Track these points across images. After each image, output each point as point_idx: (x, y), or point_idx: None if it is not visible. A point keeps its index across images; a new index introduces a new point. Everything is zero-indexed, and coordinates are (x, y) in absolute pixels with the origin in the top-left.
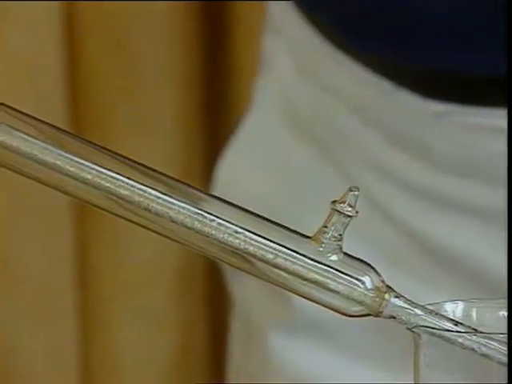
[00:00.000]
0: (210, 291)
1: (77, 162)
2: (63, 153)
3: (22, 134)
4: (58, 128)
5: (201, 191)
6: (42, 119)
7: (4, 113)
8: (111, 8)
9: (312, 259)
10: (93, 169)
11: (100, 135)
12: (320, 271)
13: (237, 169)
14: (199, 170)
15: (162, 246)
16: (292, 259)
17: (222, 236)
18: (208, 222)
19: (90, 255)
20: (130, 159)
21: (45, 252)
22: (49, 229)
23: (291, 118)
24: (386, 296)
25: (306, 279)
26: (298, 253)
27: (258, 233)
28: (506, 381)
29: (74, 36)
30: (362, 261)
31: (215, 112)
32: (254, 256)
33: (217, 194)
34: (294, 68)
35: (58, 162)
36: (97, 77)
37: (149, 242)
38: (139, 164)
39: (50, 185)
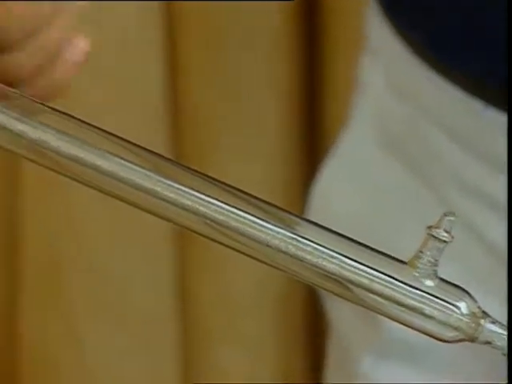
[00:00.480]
0: (311, 317)
1: (175, 187)
2: (162, 179)
3: (122, 161)
4: (156, 153)
5: (296, 216)
6: (143, 145)
7: (104, 139)
8: (212, 28)
9: (408, 284)
10: (190, 194)
11: (201, 155)
12: (416, 297)
13: (332, 185)
14: (299, 187)
15: (262, 271)
16: (388, 284)
17: (316, 260)
18: (303, 246)
19: (190, 282)
20: (226, 184)
21: (146, 279)
22: (150, 256)
23: (386, 136)
24: (482, 321)
25: (401, 304)
26: (393, 278)
27: (353, 257)
28: None
29: (176, 57)
30: (457, 286)
31: (315, 130)
32: (349, 281)
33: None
34: (389, 87)
35: (158, 188)
36: (197, 102)
37: (250, 268)
38: (235, 189)
39: (150, 211)
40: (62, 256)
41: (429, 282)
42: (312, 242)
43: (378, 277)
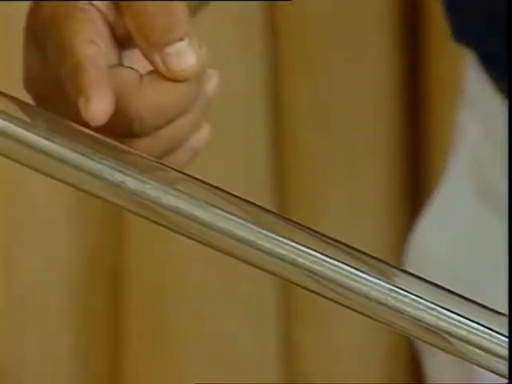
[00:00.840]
0: (416, 372)
1: (273, 238)
2: (261, 229)
3: (221, 211)
4: (255, 204)
5: (394, 267)
6: (237, 194)
7: (202, 188)
8: (318, 87)
9: (506, 336)
10: (288, 245)
11: (307, 208)
12: None
13: (429, 235)
14: (400, 236)
15: (368, 326)
16: (486, 336)
17: (415, 312)
18: (401, 298)
19: (295, 335)
20: (324, 235)
21: (250, 330)
22: (254, 307)
23: (482, 186)
24: None
25: (500, 356)
26: (491, 329)
27: (452, 309)
28: None
29: (280, 111)
30: None
31: (417, 179)
32: (448, 332)
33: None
34: (486, 138)
35: (256, 239)
36: (303, 152)
37: (355, 322)
38: (334, 240)
39: (249, 262)
40: (166, 305)
41: None
42: (411, 293)
43: (476, 328)
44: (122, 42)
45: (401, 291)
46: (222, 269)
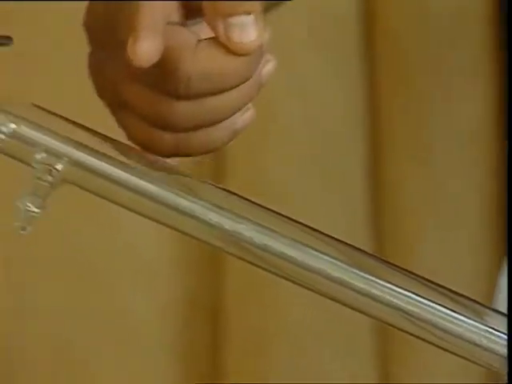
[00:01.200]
0: None
1: (365, 277)
2: (354, 269)
3: (313, 251)
4: (350, 245)
5: (487, 307)
6: (337, 237)
7: (294, 227)
8: (416, 116)
9: None
10: (382, 285)
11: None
12: None
13: None
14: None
15: (464, 366)
16: None
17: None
18: (495, 338)
19: (390, 377)
20: (418, 275)
21: (346, 371)
22: (350, 348)
23: None
24: None
25: None
26: None
27: None
28: None
29: (377, 146)
30: None
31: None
32: None
33: (500, 301)
34: None
35: (350, 279)
36: (400, 186)
37: (451, 362)
38: (427, 280)
39: (342, 302)
40: (264, 345)
41: None
42: (505, 334)
43: None
44: (192, 9)
45: (495, 332)
46: (321, 309)
